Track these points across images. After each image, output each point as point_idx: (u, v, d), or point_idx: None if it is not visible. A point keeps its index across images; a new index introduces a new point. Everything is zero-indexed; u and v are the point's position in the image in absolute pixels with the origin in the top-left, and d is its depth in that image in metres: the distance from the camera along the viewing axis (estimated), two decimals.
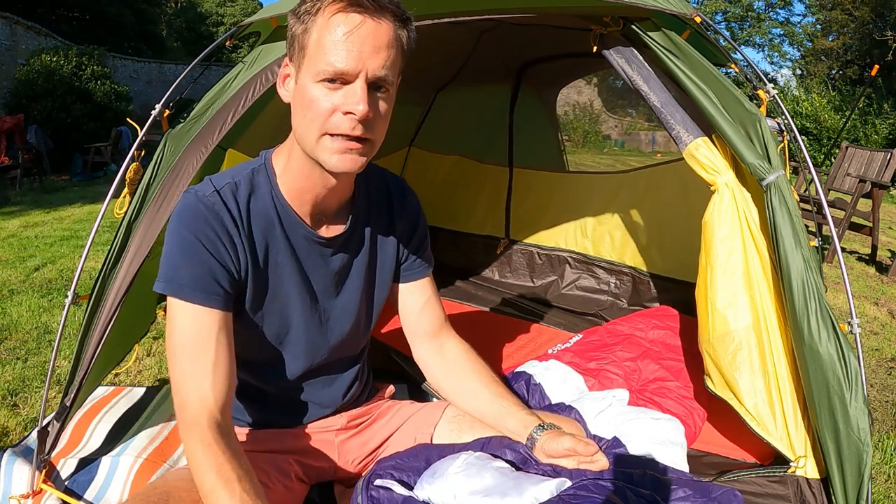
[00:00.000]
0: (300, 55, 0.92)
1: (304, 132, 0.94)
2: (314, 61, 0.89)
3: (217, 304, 0.96)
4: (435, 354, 1.26)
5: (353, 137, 0.91)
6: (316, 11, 0.89)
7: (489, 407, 1.18)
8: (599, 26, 1.63)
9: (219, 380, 0.95)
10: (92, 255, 3.62)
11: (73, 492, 1.38)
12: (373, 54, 0.89)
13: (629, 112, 16.39)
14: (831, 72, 17.58)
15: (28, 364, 2.25)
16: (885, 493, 1.68)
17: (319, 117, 0.91)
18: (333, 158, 0.92)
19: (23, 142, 7.47)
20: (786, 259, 1.38)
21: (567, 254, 3.13)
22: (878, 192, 4.49)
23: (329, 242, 1.09)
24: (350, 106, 0.89)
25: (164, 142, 1.55)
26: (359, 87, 0.89)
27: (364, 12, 0.88)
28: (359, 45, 0.88)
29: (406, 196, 1.23)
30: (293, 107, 0.96)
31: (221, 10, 26.50)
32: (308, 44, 0.90)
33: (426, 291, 1.26)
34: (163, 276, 0.96)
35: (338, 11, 0.88)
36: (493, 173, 3.41)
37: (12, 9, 10.15)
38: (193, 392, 0.93)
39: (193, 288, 0.95)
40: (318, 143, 0.92)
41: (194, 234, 0.95)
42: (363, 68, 0.88)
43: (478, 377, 1.22)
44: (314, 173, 1.00)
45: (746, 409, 1.52)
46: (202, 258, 0.95)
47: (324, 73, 0.88)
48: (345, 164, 0.93)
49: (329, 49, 0.88)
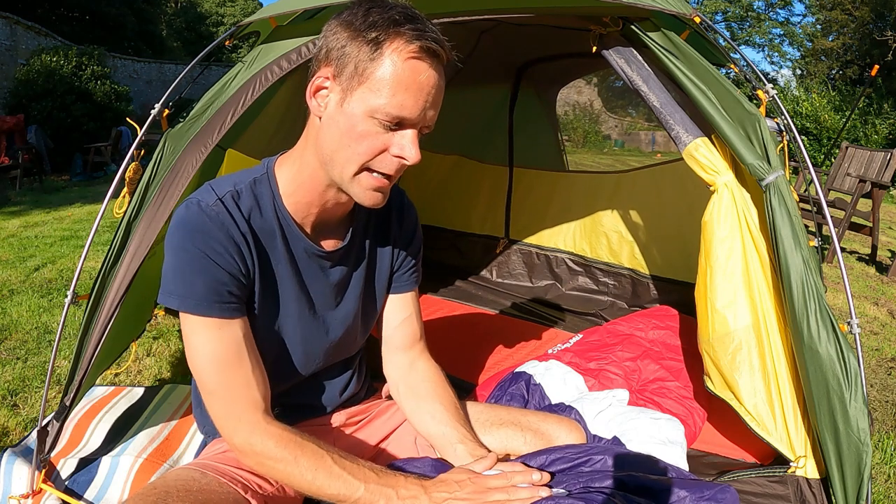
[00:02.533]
0: (355, 80, 0.87)
1: (342, 160, 0.92)
2: (375, 95, 0.86)
3: (235, 312, 0.97)
4: (403, 370, 1.24)
5: (390, 176, 0.92)
6: (387, 42, 0.85)
7: (441, 430, 1.14)
8: (599, 26, 1.63)
9: (261, 381, 0.99)
10: (92, 255, 3.62)
11: (73, 492, 1.38)
12: (433, 106, 0.90)
13: (629, 112, 16.39)
14: (831, 72, 17.58)
15: (28, 364, 2.25)
16: (885, 492, 1.68)
17: (367, 153, 0.89)
18: (367, 194, 0.93)
19: (23, 142, 7.46)
20: (785, 259, 1.38)
21: (566, 255, 3.13)
22: (878, 192, 4.49)
23: (329, 256, 1.09)
24: (404, 152, 0.89)
25: (164, 141, 1.55)
26: (414, 134, 0.89)
27: (437, 65, 0.88)
28: (425, 96, 0.87)
29: (405, 209, 1.23)
30: (330, 128, 0.91)
31: (221, 10, 26.50)
32: (371, 75, 0.86)
33: (409, 306, 1.26)
34: (175, 292, 0.94)
35: (415, 56, 0.86)
36: (492, 173, 3.41)
37: (12, 9, 10.13)
38: (243, 401, 0.96)
39: (210, 302, 0.94)
40: (356, 177, 0.92)
41: (202, 250, 0.93)
42: (423, 119, 0.89)
43: (438, 400, 1.18)
44: (328, 191, 0.99)
45: (746, 410, 1.52)
46: (214, 274, 0.94)
47: (385, 116, 0.87)
48: (375, 199, 0.95)
49: (398, 93, 0.86)
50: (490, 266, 3.30)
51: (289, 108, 2.05)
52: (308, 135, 0.98)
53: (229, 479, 1.02)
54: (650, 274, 2.85)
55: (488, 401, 1.84)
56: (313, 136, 0.95)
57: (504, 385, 1.88)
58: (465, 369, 2.16)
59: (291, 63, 1.54)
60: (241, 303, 0.98)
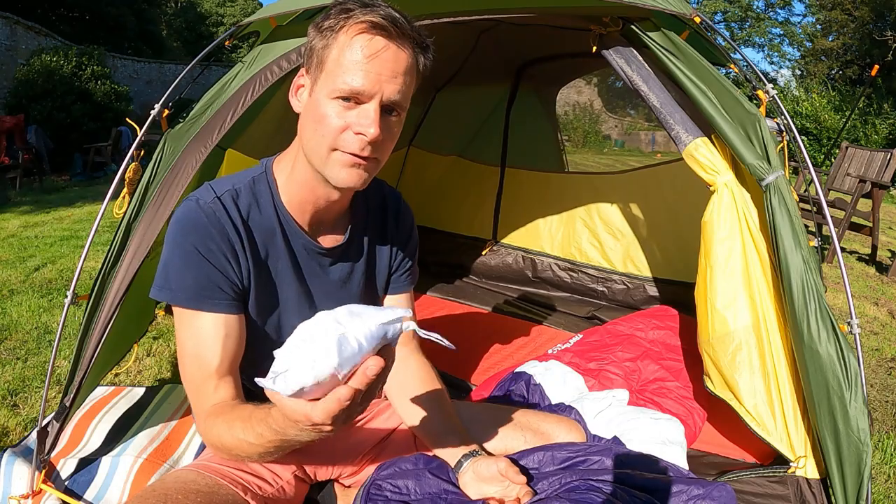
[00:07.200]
0: (317, 69, 0.92)
1: (314, 146, 0.94)
2: (331, 78, 0.89)
3: (225, 309, 0.98)
4: (396, 366, 1.24)
5: (359, 155, 0.92)
6: (339, 29, 0.89)
7: (429, 426, 1.16)
8: (599, 26, 1.63)
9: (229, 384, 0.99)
10: (92, 255, 3.62)
11: (72, 492, 1.38)
12: (390, 79, 0.89)
13: (629, 112, 16.40)
14: (831, 72, 17.57)
15: (28, 364, 2.25)
16: (885, 492, 1.68)
17: (330, 134, 0.91)
18: (342, 173, 0.94)
19: (23, 142, 7.46)
20: (785, 259, 1.38)
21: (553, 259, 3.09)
22: (878, 192, 4.49)
23: (328, 253, 1.10)
24: (362, 127, 0.89)
25: (164, 142, 1.55)
26: (372, 109, 0.89)
27: (387, 37, 0.89)
28: (378, 68, 0.88)
29: (401, 210, 1.23)
30: (304, 119, 0.96)
31: (221, 10, 26.49)
32: (327, 60, 0.90)
33: (405, 306, 1.27)
34: (165, 285, 0.97)
35: (361, 32, 0.88)
36: (487, 174, 3.40)
37: (12, 9, 10.14)
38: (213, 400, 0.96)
39: (201, 298, 0.96)
40: (328, 158, 0.93)
41: (195, 246, 0.96)
42: (379, 91, 0.89)
43: (427, 396, 1.19)
44: (319, 186, 1.00)
45: (746, 410, 1.52)
46: (205, 270, 0.96)
47: (339, 91, 0.89)
48: (351, 178, 0.94)
49: (348, 68, 0.88)
50: (486, 267, 3.27)
51: (289, 108, 2.04)
52: (298, 134, 1.00)
53: (229, 481, 1.02)
54: (648, 276, 2.83)
55: (488, 400, 1.84)
56: (299, 133, 0.98)
57: (504, 385, 1.88)
58: (463, 369, 2.16)
59: (291, 63, 1.54)
60: (231, 300, 0.99)
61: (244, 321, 1.02)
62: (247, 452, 0.88)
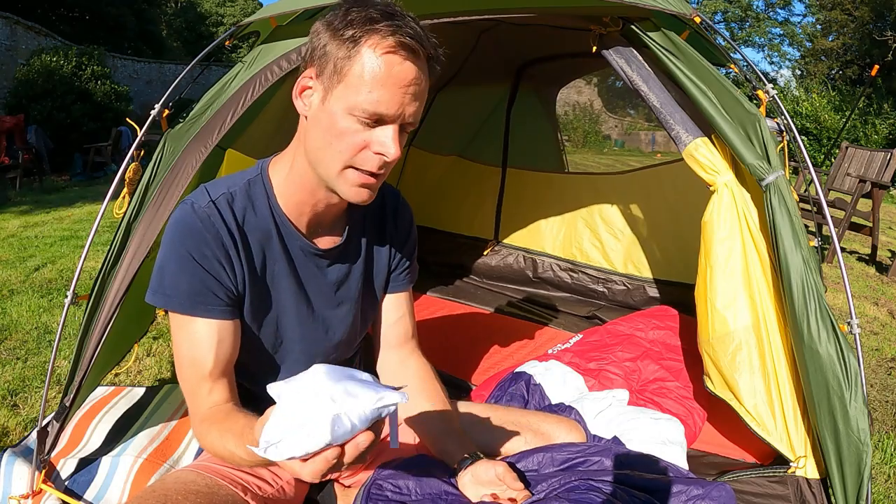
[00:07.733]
0: (334, 78, 0.88)
1: (326, 159, 0.92)
2: (352, 93, 0.86)
3: (219, 314, 0.98)
4: (395, 367, 1.25)
5: (375, 174, 0.92)
6: (363, 41, 0.85)
7: (429, 427, 1.16)
8: (599, 26, 1.63)
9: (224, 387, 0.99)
10: (92, 255, 3.62)
11: (72, 492, 1.38)
12: (413, 101, 0.89)
13: (629, 112, 16.40)
14: (831, 72, 17.58)
15: (28, 364, 2.25)
16: (885, 492, 1.68)
17: (349, 151, 0.90)
18: (352, 191, 0.93)
19: (23, 142, 7.46)
20: (785, 259, 1.38)
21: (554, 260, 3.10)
22: (878, 192, 4.49)
23: (326, 254, 1.09)
24: (383, 148, 0.89)
25: (164, 142, 1.55)
26: (394, 130, 0.89)
27: (415, 60, 0.87)
28: (402, 91, 0.87)
29: (400, 208, 1.23)
30: (313, 127, 0.93)
31: (221, 10, 26.49)
32: (348, 73, 0.86)
33: (403, 305, 1.26)
34: (160, 290, 0.97)
35: (389, 52, 0.85)
36: (487, 174, 3.40)
37: (12, 9, 10.14)
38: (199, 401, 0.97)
39: (194, 303, 0.96)
40: (341, 174, 0.92)
41: (189, 252, 0.95)
42: (402, 114, 0.88)
43: (427, 396, 1.19)
44: (319, 189, 0.99)
45: (746, 410, 1.52)
46: (199, 275, 0.96)
47: (364, 113, 0.86)
48: (362, 195, 0.94)
49: (374, 89, 0.86)
50: (486, 268, 3.27)
51: (289, 108, 2.03)
52: (298, 135, 0.99)
53: (229, 481, 1.02)
54: (648, 277, 2.83)
55: (488, 401, 1.84)
56: (302, 136, 0.97)
57: (504, 385, 1.88)
58: (463, 369, 2.16)
59: (291, 63, 1.54)
60: (225, 306, 0.99)
61: (239, 325, 1.02)
62: (238, 463, 0.91)
